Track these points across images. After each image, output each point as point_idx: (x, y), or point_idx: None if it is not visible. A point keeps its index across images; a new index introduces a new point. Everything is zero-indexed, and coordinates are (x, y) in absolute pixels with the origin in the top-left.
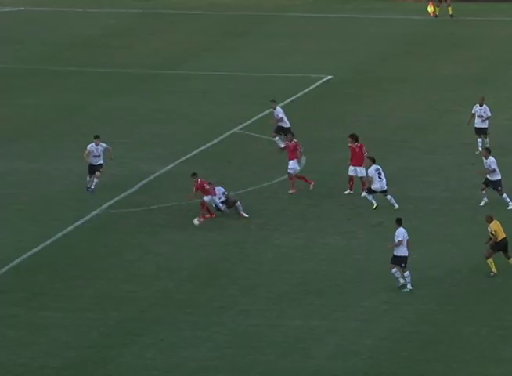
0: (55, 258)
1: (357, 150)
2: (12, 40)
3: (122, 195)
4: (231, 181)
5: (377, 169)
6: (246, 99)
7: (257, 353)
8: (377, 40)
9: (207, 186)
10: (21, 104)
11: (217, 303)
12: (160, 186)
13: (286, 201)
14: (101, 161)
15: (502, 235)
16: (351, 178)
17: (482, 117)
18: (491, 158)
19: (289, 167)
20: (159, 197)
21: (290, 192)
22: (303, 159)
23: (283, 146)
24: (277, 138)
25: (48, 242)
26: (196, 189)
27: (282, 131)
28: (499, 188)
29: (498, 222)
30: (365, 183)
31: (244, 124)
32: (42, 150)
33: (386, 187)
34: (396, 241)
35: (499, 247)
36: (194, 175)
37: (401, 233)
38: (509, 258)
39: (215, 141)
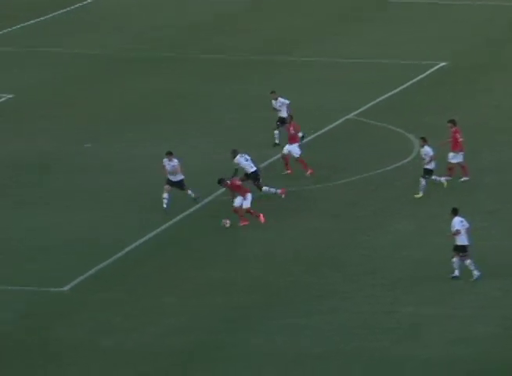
0: (169, 245)
1: (451, 135)
2: (124, 26)
3: None
4: (343, 167)
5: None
6: (359, 85)
7: (369, 340)
8: (492, 27)
9: (238, 183)
10: (137, 89)
11: (330, 289)
12: (271, 171)
13: (399, 188)
14: (181, 177)
15: None
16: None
17: None
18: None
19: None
20: (269, 183)
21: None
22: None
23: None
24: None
25: (163, 227)
26: (232, 189)
27: (282, 121)
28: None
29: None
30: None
31: (358, 111)
32: (162, 135)
33: None
34: (454, 231)
35: None
36: (221, 181)
37: (456, 223)
38: None
39: (329, 127)
